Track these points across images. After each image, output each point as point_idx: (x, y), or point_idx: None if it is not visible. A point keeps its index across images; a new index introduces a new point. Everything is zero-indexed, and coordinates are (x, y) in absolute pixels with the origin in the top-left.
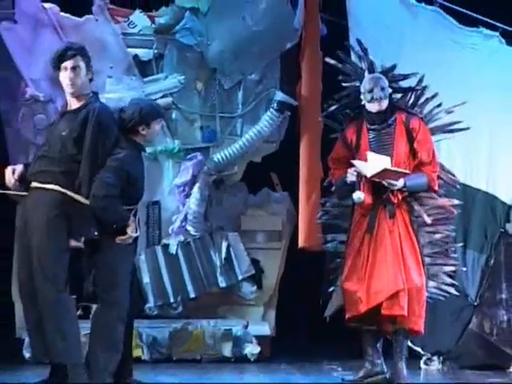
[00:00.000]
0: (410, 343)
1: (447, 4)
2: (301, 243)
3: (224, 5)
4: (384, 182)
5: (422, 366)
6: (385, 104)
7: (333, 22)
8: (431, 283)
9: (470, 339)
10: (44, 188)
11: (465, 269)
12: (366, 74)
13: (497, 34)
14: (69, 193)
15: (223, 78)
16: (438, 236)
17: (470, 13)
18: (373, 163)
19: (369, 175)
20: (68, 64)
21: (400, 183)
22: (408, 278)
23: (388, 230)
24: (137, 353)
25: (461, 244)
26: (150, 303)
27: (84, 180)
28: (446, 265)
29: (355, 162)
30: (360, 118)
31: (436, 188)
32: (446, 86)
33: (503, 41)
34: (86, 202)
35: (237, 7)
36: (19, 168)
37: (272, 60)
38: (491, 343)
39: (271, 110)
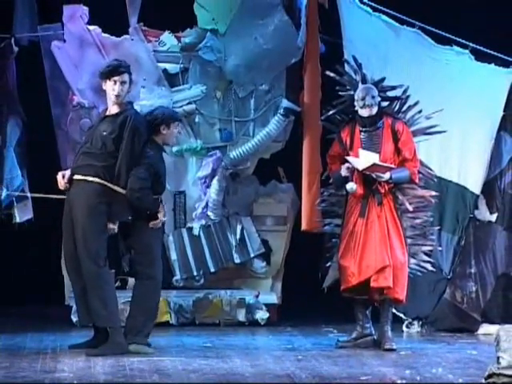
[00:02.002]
0: (394, 310)
1: (425, 26)
2: (303, 226)
3: (239, 27)
4: (373, 175)
5: (404, 328)
6: (374, 110)
7: (330, 41)
8: (412, 260)
9: (445, 306)
10: (87, 180)
11: (440, 248)
12: (360, 84)
13: (467, 51)
14: (108, 184)
15: (238, 88)
16: (418, 221)
17: (444, 34)
18: (364, 158)
19: (360, 169)
20: (118, 78)
21: (387, 176)
22: (393, 255)
23: (377, 216)
24: (166, 318)
25: (437, 227)
26: (177, 276)
27: (122, 173)
28: (424, 245)
29: (349, 158)
30: (353, 122)
31: (417, 181)
32: (424, 94)
33: (472, 57)
34: (123, 191)
35: (250, 29)
36: (67, 173)
37: (279, 73)
38: (462, 310)
39: (278, 114)
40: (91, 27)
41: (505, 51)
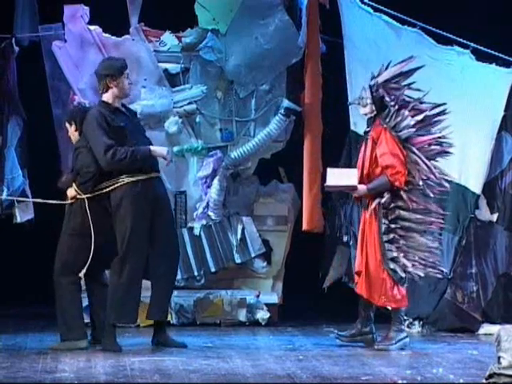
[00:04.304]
0: None
1: (426, 26)
2: (304, 226)
3: (240, 27)
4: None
5: (405, 328)
6: (365, 110)
7: (331, 41)
8: (391, 265)
9: (445, 306)
10: (159, 177)
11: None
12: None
13: (468, 51)
14: None
15: (239, 88)
16: (383, 227)
17: (445, 34)
18: (328, 177)
19: (326, 188)
20: (128, 71)
21: (359, 191)
22: (366, 262)
23: (363, 221)
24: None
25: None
26: (178, 276)
27: None
28: (389, 250)
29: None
30: None
31: (401, 185)
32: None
33: (473, 57)
34: None
35: (250, 29)
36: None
37: (280, 73)
38: (463, 310)
39: (279, 114)
40: (92, 27)
41: (506, 51)
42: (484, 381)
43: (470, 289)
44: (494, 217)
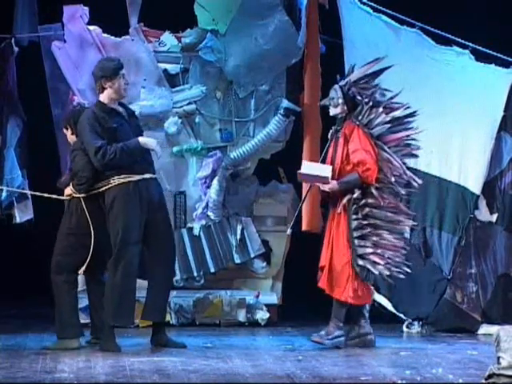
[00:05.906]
0: (394, 310)
1: (425, 26)
2: (303, 227)
3: (239, 27)
4: (319, 185)
5: (404, 329)
6: (336, 111)
7: (330, 41)
8: (360, 262)
9: (445, 307)
10: (155, 178)
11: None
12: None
13: (467, 51)
14: None
15: (238, 88)
16: (355, 223)
17: (444, 34)
18: (303, 167)
19: (298, 178)
20: (123, 72)
21: (330, 186)
22: (332, 257)
23: (331, 217)
24: (166, 318)
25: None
26: (177, 276)
27: None
28: (365, 246)
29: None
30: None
31: (372, 182)
32: (423, 95)
33: (472, 57)
34: None
35: (250, 29)
36: None
37: (279, 73)
38: (462, 310)
39: (278, 115)
40: (91, 27)
41: (505, 51)
42: (483, 381)
43: (470, 289)
44: (494, 217)
